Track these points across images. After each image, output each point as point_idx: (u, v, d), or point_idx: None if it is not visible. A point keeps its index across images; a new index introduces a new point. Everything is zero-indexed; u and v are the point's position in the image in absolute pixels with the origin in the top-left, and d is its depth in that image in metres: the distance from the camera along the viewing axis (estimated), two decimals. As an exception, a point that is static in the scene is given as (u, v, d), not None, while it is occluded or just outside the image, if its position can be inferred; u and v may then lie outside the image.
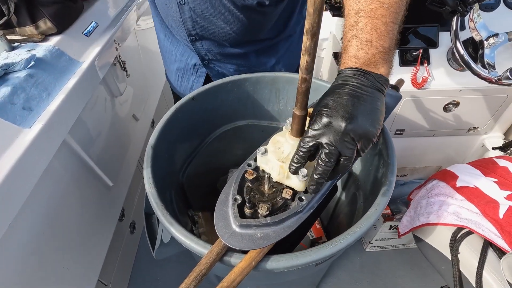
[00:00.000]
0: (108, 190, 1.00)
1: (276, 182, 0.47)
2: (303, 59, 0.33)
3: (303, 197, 0.45)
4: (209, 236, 0.97)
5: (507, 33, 0.90)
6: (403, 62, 1.06)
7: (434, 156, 1.34)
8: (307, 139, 0.40)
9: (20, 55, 0.70)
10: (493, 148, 1.21)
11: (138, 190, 1.33)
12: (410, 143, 1.27)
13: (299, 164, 0.41)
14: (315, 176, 0.41)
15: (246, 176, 0.47)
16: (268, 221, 0.42)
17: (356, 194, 0.87)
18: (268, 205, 0.43)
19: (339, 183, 1.00)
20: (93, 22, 0.91)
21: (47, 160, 0.63)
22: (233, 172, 1.11)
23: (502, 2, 1.06)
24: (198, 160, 0.96)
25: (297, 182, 0.44)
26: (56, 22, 0.78)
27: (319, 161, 0.40)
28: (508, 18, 1.05)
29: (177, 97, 1.09)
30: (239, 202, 0.44)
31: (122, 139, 1.12)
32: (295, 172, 0.42)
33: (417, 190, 1.04)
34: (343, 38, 0.46)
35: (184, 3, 0.69)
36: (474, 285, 0.68)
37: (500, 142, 1.23)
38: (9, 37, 0.75)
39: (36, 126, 0.61)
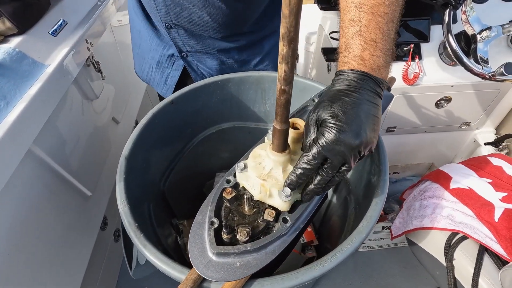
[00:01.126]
0: (86, 200, 0.95)
1: (258, 201, 0.42)
2: (281, 68, 0.28)
3: (287, 218, 0.40)
4: (195, 246, 0.92)
5: (501, 25, 0.87)
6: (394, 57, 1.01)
7: (426, 153, 1.31)
8: (315, 156, 0.36)
9: (-26, 59, 0.63)
10: (485, 144, 1.19)
11: (122, 196, 1.27)
12: (401, 140, 1.24)
13: (301, 181, 0.38)
14: (312, 187, 0.39)
15: (224, 195, 0.42)
16: (249, 248, 0.37)
17: (347, 198, 0.84)
18: (248, 229, 0.38)
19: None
20: (61, 20, 0.83)
21: (9, 174, 0.57)
22: (220, 176, 1.07)
23: (494, -6, 1.03)
24: (182, 165, 0.91)
25: (280, 202, 0.40)
26: (16, 21, 0.71)
27: (321, 172, 0.38)
28: (500, 10, 1.02)
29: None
30: (216, 226, 0.40)
31: (101, 145, 1.05)
32: (294, 189, 0.39)
33: (409, 190, 1.02)
34: (342, 33, 0.42)
35: None
36: (470, 293, 0.65)
37: (492, 137, 1.21)
38: (-38, 39, 0.67)
39: (-8, 139, 0.54)
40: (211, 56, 0.81)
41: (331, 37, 1.14)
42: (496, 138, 1.18)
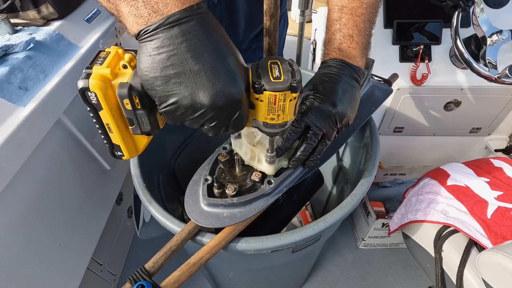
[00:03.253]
0: (105, 173, 1.04)
1: (248, 165, 0.48)
2: (265, 41, 0.34)
3: (272, 180, 0.45)
4: (199, 223, 0.99)
5: (511, 30, 0.87)
6: (403, 58, 1.04)
7: (434, 156, 1.31)
8: (298, 121, 0.43)
9: (21, 38, 0.73)
10: (496, 150, 1.18)
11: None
12: (409, 141, 1.25)
13: (288, 144, 0.44)
14: (299, 153, 0.45)
15: (219, 158, 0.48)
16: (235, 201, 0.43)
17: (344, 187, 0.87)
18: (235, 185, 0.44)
19: (329, 177, 0.99)
20: (95, 9, 0.94)
21: (40, 137, 0.66)
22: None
23: (511, -1, 1.03)
24: (192, 147, 0.98)
25: (266, 166, 0.45)
26: (58, 8, 0.81)
27: (306, 140, 0.44)
28: (517, 15, 1.02)
29: None
30: (209, 182, 0.46)
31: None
32: (283, 153, 0.45)
33: (411, 188, 1.03)
34: (327, 30, 0.51)
35: None
36: (455, 283, 0.67)
37: (504, 145, 1.19)
38: (13, 20, 0.78)
39: (30, 104, 0.63)
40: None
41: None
42: (508, 145, 1.17)
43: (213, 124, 0.32)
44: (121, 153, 0.37)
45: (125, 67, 0.32)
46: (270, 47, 0.34)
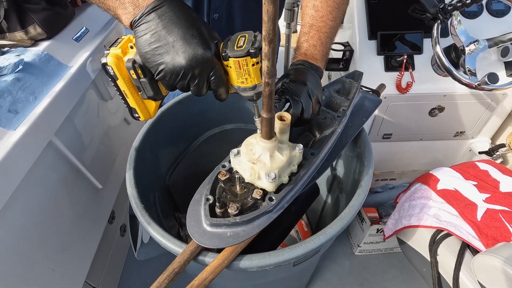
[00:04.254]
0: (97, 192, 1.02)
1: (248, 183, 0.48)
2: (264, 64, 0.35)
3: (273, 197, 0.46)
4: (196, 238, 0.97)
5: (487, 39, 0.93)
6: (388, 68, 1.08)
7: (422, 160, 1.35)
8: (279, 95, 0.54)
9: (8, 59, 0.72)
10: (479, 153, 1.23)
11: (129, 193, 1.34)
12: (398, 147, 1.28)
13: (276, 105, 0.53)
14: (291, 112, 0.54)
15: (219, 177, 0.48)
16: (238, 220, 0.43)
17: (339, 196, 0.89)
18: (237, 204, 0.44)
19: (324, 186, 1.01)
20: (84, 28, 0.93)
21: (32, 161, 0.64)
22: (222, 175, 1.13)
23: (485, 10, 1.09)
24: (186, 163, 0.98)
25: (267, 183, 0.46)
26: (45, 28, 0.80)
27: (290, 110, 0.53)
28: (491, 25, 1.08)
29: None
30: (211, 202, 0.46)
31: (113, 142, 1.13)
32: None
33: (402, 194, 1.06)
34: (298, 40, 0.65)
35: None
36: (452, 286, 0.69)
37: (486, 147, 1.24)
38: (-1, 42, 0.77)
39: (21, 128, 0.62)
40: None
41: (332, 49, 1.21)
42: (491, 147, 1.22)
43: (195, 82, 0.40)
44: (138, 115, 0.48)
45: (131, 47, 0.41)
46: (269, 70, 0.35)
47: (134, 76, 0.42)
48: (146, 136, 0.75)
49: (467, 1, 0.80)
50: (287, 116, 0.48)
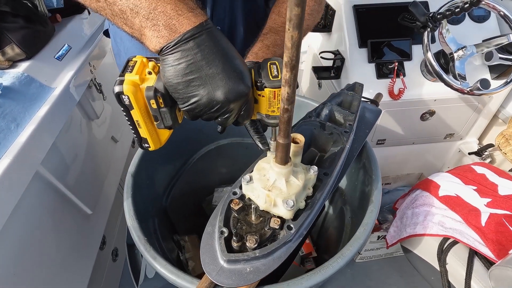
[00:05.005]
0: (87, 218, 0.95)
1: (263, 210, 0.45)
2: (284, 90, 0.33)
3: (292, 225, 0.43)
4: (197, 261, 0.93)
5: (475, 45, 0.95)
6: (380, 75, 1.09)
7: (415, 163, 1.37)
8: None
9: (-15, 84, 0.66)
10: (469, 153, 1.26)
11: (120, 215, 1.27)
12: (391, 152, 1.30)
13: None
14: None
15: (232, 206, 0.45)
16: (257, 254, 0.40)
17: (343, 208, 0.87)
18: (256, 237, 0.41)
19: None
20: (66, 45, 0.88)
21: (18, 196, 0.58)
22: (219, 192, 1.09)
23: (467, 16, 1.12)
24: (182, 181, 0.93)
25: (284, 211, 0.43)
26: (24, 48, 0.75)
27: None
28: (473, 30, 1.11)
29: None
30: (225, 235, 0.43)
31: (101, 163, 1.07)
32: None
33: (401, 200, 1.06)
34: (257, 38, 0.62)
35: None
36: (464, 295, 0.69)
37: (475, 147, 1.28)
38: (-27, 65, 0.70)
39: (3, 161, 0.56)
40: None
41: (321, 57, 1.21)
42: (479, 147, 1.25)
43: (225, 116, 0.39)
44: (148, 145, 0.44)
45: (149, 73, 0.38)
46: (289, 96, 0.33)
47: (154, 106, 0.38)
48: (142, 159, 0.70)
49: (456, 10, 0.81)
50: (301, 139, 0.46)
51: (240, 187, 0.49)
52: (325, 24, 1.24)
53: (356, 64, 1.10)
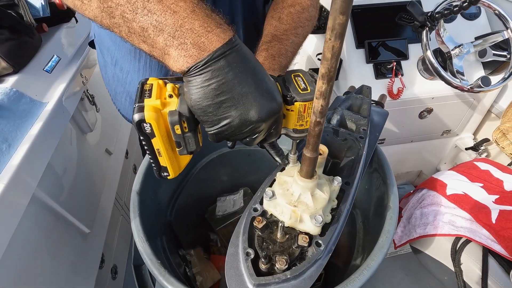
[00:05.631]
0: (85, 237, 0.90)
1: (288, 227, 0.43)
2: (318, 103, 0.31)
3: (320, 242, 0.41)
4: (204, 275, 0.90)
5: (471, 42, 0.96)
6: (378, 75, 1.08)
7: (414, 161, 1.38)
8: None
9: (-30, 102, 0.61)
10: (466, 149, 1.28)
11: (117, 231, 1.22)
12: (391, 150, 1.30)
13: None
14: None
15: (255, 224, 0.42)
16: (288, 276, 0.38)
17: (354, 213, 0.86)
18: (285, 257, 0.39)
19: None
20: (55, 56, 0.83)
21: (15, 223, 0.54)
22: (221, 201, 1.06)
23: (459, 15, 1.14)
24: (185, 193, 0.90)
25: (312, 227, 0.41)
26: (11, 61, 0.70)
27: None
28: (465, 28, 1.13)
29: None
30: (252, 256, 0.40)
31: (97, 179, 1.02)
32: None
33: (405, 199, 1.06)
34: (257, 48, 0.59)
35: None
36: (481, 295, 0.68)
37: (471, 142, 1.30)
38: (-45, 82, 0.65)
39: (-3, 187, 0.52)
40: None
41: (318, 59, 1.20)
42: (475, 143, 1.27)
43: (255, 136, 0.36)
44: (167, 173, 0.40)
45: (170, 96, 0.35)
46: (323, 109, 0.31)
47: (178, 132, 0.35)
48: (146, 175, 0.66)
49: (455, 9, 0.82)
50: (324, 150, 0.44)
51: (261, 203, 0.46)
52: (319, 25, 1.23)
53: (354, 65, 1.09)
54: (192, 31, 0.32)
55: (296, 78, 0.38)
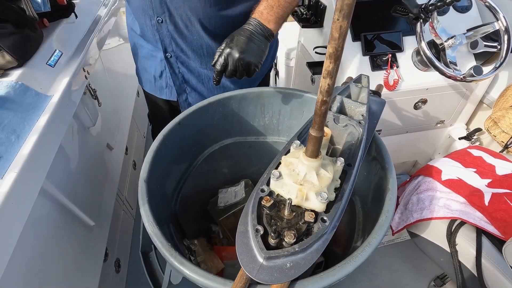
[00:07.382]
0: (90, 230, 0.91)
1: (294, 205, 0.45)
2: (325, 82, 0.33)
3: (325, 218, 0.44)
4: (209, 264, 0.92)
5: (464, 34, 0.99)
6: (374, 67, 1.11)
7: (409, 151, 1.42)
8: (219, 61, 0.64)
9: (-23, 95, 0.62)
10: (459, 138, 1.32)
11: (119, 223, 1.23)
12: (387, 141, 1.32)
13: (218, 77, 0.66)
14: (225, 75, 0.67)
15: (263, 203, 0.45)
16: (297, 249, 0.40)
17: (353, 199, 0.88)
18: (293, 232, 0.41)
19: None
20: (57, 51, 0.83)
21: (26, 214, 0.55)
22: (223, 192, 1.08)
23: (451, 7, 1.17)
24: (188, 185, 0.92)
25: (318, 204, 0.43)
26: (15, 54, 0.70)
27: (227, 73, 0.65)
28: (457, 20, 1.16)
29: (153, 108, 1.05)
30: (261, 232, 0.42)
31: (100, 172, 1.03)
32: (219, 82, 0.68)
33: (401, 188, 1.09)
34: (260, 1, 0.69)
35: None
36: (475, 273, 0.72)
37: (464, 132, 1.34)
38: (-39, 75, 0.66)
39: (9, 175, 0.53)
40: (194, 59, 0.86)
41: (316, 52, 1.22)
42: (468, 132, 1.31)
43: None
44: None
45: None
46: (329, 88, 0.33)
47: None
48: (153, 164, 0.68)
49: (447, 0, 0.85)
50: (327, 131, 0.46)
51: (267, 184, 0.48)
52: (316, 20, 1.26)
53: (351, 57, 1.12)
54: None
55: None
